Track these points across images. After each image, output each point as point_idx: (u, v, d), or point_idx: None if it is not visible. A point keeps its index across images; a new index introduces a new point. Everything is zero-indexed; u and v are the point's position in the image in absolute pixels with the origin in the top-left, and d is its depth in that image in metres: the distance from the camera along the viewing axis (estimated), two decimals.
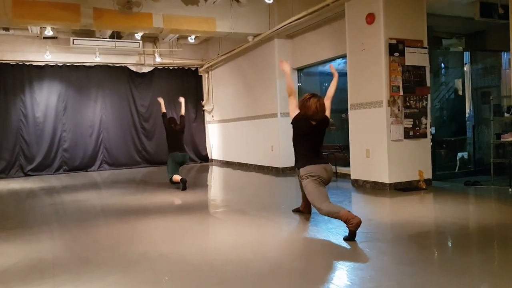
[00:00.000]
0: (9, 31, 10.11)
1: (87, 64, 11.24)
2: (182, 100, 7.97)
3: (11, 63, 10.51)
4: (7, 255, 3.60)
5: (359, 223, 3.52)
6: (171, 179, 7.31)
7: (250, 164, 10.27)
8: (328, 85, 4.62)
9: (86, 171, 11.09)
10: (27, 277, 3.00)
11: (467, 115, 7.88)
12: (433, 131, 6.88)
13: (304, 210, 4.66)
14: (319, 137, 4.18)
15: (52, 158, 10.84)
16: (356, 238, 3.55)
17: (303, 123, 4.11)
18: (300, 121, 4.13)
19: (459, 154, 7.64)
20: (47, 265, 3.27)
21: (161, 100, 7.87)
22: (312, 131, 4.11)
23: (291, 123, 4.23)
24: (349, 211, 3.63)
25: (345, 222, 3.59)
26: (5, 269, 3.23)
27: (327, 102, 4.28)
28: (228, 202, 6.22)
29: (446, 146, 7.62)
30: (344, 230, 3.75)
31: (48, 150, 10.78)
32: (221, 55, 10.94)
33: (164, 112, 7.75)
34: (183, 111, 7.90)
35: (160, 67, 12.10)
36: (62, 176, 10.31)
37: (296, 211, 4.74)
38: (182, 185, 6.99)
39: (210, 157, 12.74)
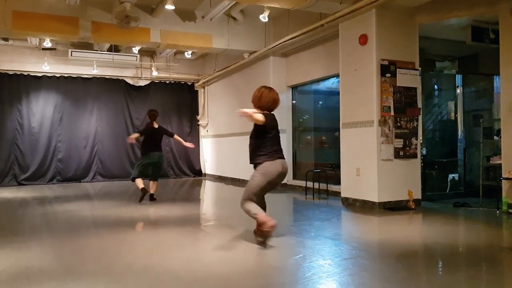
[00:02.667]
0: (8, 41, 10.21)
1: (85, 76, 11.33)
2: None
3: (9, 73, 10.59)
4: None
5: (273, 226, 3.81)
6: (133, 178, 7.01)
7: (243, 179, 10.27)
8: (323, 103, 4.71)
9: (80, 182, 11.07)
10: (13, 283, 3.01)
11: (458, 137, 7.97)
12: (425, 152, 6.96)
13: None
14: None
15: (46, 168, 10.83)
16: (341, 254, 3.58)
17: (273, 118, 4.19)
18: (271, 117, 4.16)
19: (450, 176, 7.70)
20: (34, 272, 3.29)
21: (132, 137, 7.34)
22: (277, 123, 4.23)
23: (265, 125, 4.05)
24: (266, 216, 3.89)
25: (260, 225, 3.90)
26: None
27: None
28: (219, 217, 6.24)
29: (437, 167, 7.69)
30: (329, 247, 3.76)
31: (42, 160, 10.78)
32: (217, 71, 11.08)
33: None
34: (176, 136, 7.51)
35: (156, 81, 12.21)
36: (55, 186, 10.29)
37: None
38: (141, 195, 6.81)
39: (203, 172, 12.75)
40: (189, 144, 7.37)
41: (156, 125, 7.20)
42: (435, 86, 8.44)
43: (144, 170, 7.09)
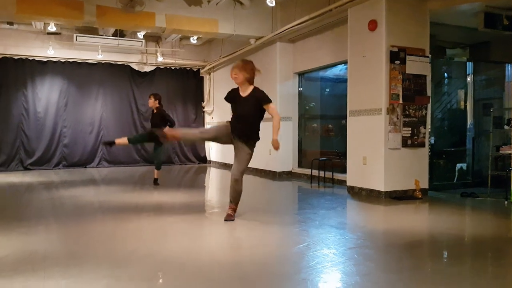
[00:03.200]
0: (13, 25, 10.14)
1: (90, 61, 11.26)
2: None
3: (14, 58, 10.54)
4: (0, 246, 3.60)
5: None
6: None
7: (247, 167, 10.22)
8: (330, 91, 4.80)
9: (85, 167, 11.09)
10: (18, 268, 3.00)
11: (468, 126, 7.84)
12: (433, 141, 6.85)
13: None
14: None
15: (51, 153, 10.85)
16: (346, 244, 3.54)
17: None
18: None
19: (458, 165, 7.60)
20: (39, 257, 3.29)
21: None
22: None
23: (270, 103, 4.61)
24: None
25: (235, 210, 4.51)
26: None
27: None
28: (223, 204, 6.18)
29: (445, 157, 7.58)
30: (333, 235, 3.71)
31: (48, 145, 10.80)
32: (223, 57, 10.95)
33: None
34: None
35: (162, 67, 12.12)
36: (61, 171, 10.32)
37: None
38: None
39: (208, 159, 12.72)
40: None
41: (155, 110, 7.25)
42: (445, 74, 8.28)
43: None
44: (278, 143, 4.42)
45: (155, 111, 7.27)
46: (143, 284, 2.73)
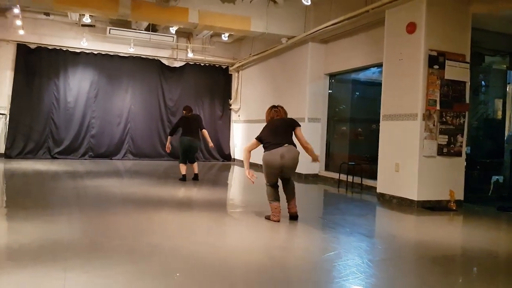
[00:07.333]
0: (49, 16, 10.33)
1: (121, 54, 11.36)
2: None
3: (49, 48, 10.73)
4: (23, 234, 3.59)
5: (276, 221, 4.34)
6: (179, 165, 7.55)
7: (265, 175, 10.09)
8: (361, 93, 4.68)
9: (111, 159, 11.19)
10: (39, 258, 2.96)
11: (505, 137, 7.49)
12: (468, 151, 6.55)
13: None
14: None
15: (79, 143, 10.98)
16: (379, 254, 3.36)
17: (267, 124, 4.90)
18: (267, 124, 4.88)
19: (494, 177, 7.25)
20: (60, 247, 3.24)
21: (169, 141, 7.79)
22: None
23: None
24: (277, 210, 4.41)
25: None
26: (18, 247, 3.22)
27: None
28: (247, 203, 6.10)
29: (480, 168, 7.25)
30: (365, 244, 3.54)
31: (76, 135, 10.94)
32: (253, 55, 10.85)
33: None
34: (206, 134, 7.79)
35: (191, 63, 12.12)
36: (87, 162, 10.44)
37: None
38: (180, 178, 7.46)
39: (232, 157, 12.65)
40: (211, 145, 7.98)
41: (190, 114, 7.72)
42: (483, 81, 7.94)
43: (186, 156, 7.53)
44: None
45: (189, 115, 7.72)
46: (165, 280, 2.64)
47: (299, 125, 4.64)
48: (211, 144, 7.90)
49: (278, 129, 4.58)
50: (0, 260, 2.97)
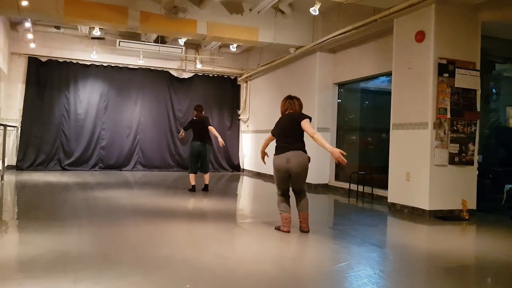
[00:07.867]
0: (60, 29, 10.51)
1: (131, 66, 11.49)
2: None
3: (59, 60, 10.89)
4: (34, 245, 3.60)
5: (286, 232, 4.27)
6: (189, 176, 7.47)
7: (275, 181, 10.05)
8: (370, 103, 4.62)
9: (121, 170, 11.25)
10: (50, 269, 2.96)
11: None
12: (480, 159, 6.47)
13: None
14: None
15: (89, 154, 11.07)
16: (391, 265, 3.30)
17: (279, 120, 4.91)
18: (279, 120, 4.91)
19: (507, 186, 7.13)
20: (71, 259, 3.24)
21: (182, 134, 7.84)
22: None
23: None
24: (287, 220, 4.31)
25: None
26: (30, 258, 3.22)
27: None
28: (256, 214, 6.07)
29: (493, 176, 7.14)
30: (377, 255, 3.48)
31: (86, 146, 11.03)
32: (261, 66, 10.90)
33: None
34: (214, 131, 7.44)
35: (200, 74, 12.20)
36: (97, 173, 10.49)
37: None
38: (190, 189, 7.40)
39: (241, 167, 12.64)
40: (220, 141, 7.39)
41: (198, 117, 7.47)
42: (493, 89, 7.87)
43: (195, 164, 7.37)
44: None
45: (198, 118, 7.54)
46: None
47: (306, 117, 4.44)
48: (220, 140, 7.34)
49: (286, 128, 4.52)
50: (11, 272, 2.98)
